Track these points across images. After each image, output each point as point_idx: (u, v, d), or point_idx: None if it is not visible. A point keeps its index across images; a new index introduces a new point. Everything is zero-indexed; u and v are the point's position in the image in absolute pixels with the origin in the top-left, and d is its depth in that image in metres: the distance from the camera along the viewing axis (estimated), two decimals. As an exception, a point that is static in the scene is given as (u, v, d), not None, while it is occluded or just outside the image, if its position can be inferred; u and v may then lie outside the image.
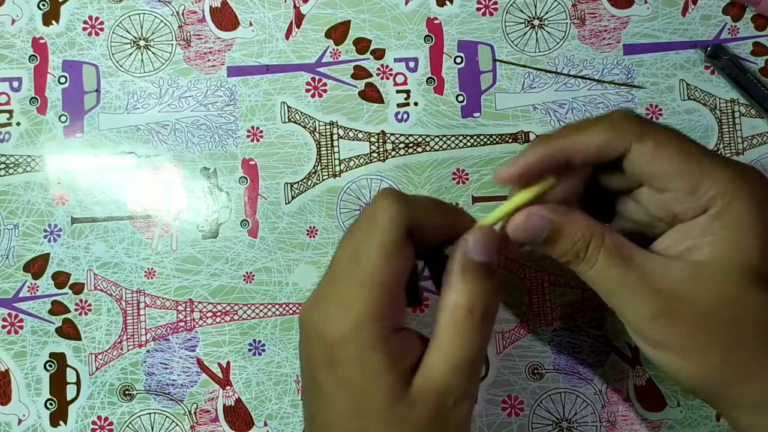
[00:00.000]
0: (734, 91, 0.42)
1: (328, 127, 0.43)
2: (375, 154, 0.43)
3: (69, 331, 0.42)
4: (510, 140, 0.43)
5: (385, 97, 0.43)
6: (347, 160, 0.43)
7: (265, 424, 0.42)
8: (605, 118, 0.30)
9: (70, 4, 0.44)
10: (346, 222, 0.43)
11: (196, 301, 0.42)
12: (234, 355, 0.42)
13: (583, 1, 0.43)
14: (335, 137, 0.43)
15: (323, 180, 0.43)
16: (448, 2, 0.43)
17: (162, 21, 0.44)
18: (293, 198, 0.43)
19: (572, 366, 0.42)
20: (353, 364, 0.28)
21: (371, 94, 0.43)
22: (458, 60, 0.43)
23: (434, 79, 0.43)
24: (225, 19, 0.44)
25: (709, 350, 0.29)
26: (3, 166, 0.43)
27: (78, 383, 0.42)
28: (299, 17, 0.43)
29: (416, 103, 0.43)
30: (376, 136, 0.43)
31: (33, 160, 0.43)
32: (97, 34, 0.44)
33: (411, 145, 0.43)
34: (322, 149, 0.43)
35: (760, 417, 0.29)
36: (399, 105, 0.43)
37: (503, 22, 0.43)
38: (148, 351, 0.42)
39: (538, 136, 0.32)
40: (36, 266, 0.43)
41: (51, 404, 0.42)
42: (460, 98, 0.43)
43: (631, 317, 0.30)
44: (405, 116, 0.43)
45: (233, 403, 0.42)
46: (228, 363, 0.42)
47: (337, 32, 0.43)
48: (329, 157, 0.43)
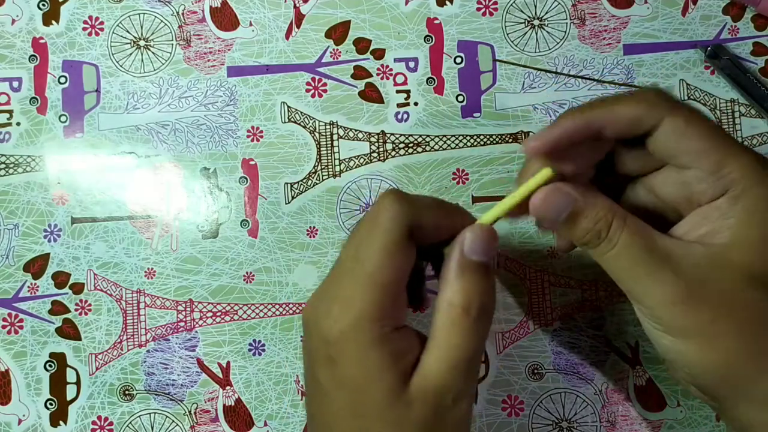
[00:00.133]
0: (734, 91, 0.42)
1: (328, 127, 0.43)
2: (375, 154, 0.43)
3: (69, 331, 0.42)
4: (510, 140, 0.43)
5: (385, 97, 0.43)
6: (347, 160, 0.43)
7: (265, 424, 0.42)
8: (637, 92, 0.30)
9: (70, 4, 0.44)
10: (346, 222, 0.43)
11: (196, 301, 0.42)
12: (234, 355, 0.42)
13: (583, 1, 0.43)
14: (335, 137, 0.43)
15: (323, 180, 0.43)
16: (448, 2, 0.43)
17: (162, 21, 0.44)
18: (293, 198, 0.43)
19: (572, 366, 0.42)
20: (352, 362, 0.28)
21: (371, 94, 0.43)
22: (458, 60, 0.43)
23: (434, 79, 0.43)
24: (225, 19, 0.44)
25: (732, 336, 0.28)
26: (3, 166, 0.43)
27: (78, 383, 0.42)
28: (299, 17, 0.43)
29: (416, 103, 0.43)
30: (376, 136, 0.43)
31: (33, 160, 0.43)
32: (97, 34, 0.44)
33: (411, 145, 0.43)
34: (322, 149, 0.43)
35: None
36: (399, 105, 0.43)
37: (503, 22, 0.43)
38: (148, 351, 0.42)
39: (567, 110, 0.31)
40: (36, 266, 0.43)
41: (51, 404, 0.42)
42: (460, 98, 0.43)
43: (651, 302, 0.29)
44: (405, 116, 0.43)
45: (233, 403, 0.42)
46: (228, 363, 0.42)
47: (337, 32, 0.43)
48: (329, 157, 0.43)
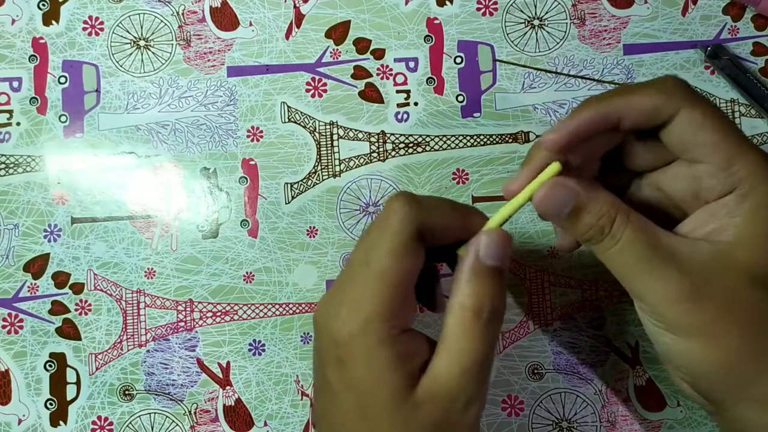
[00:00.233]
0: (734, 91, 0.42)
1: (328, 127, 0.43)
2: (375, 154, 0.43)
3: (69, 331, 0.42)
4: (510, 140, 0.43)
5: (385, 97, 0.43)
6: (347, 160, 0.43)
7: (265, 424, 0.42)
8: (656, 81, 0.30)
9: (70, 4, 0.44)
10: (346, 222, 0.43)
11: (196, 301, 0.42)
12: (234, 355, 0.42)
13: (583, 1, 0.43)
14: (335, 137, 0.43)
15: (323, 180, 0.43)
16: (448, 2, 0.43)
17: (162, 21, 0.44)
18: (293, 198, 0.43)
19: (572, 366, 0.42)
20: (360, 363, 0.28)
21: (371, 94, 0.43)
22: (458, 60, 0.43)
23: (434, 79, 0.43)
24: (225, 19, 0.44)
25: (735, 334, 0.28)
26: (3, 166, 0.43)
27: (78, 383, 0.42)
28: (299, 17, 0.43)
29: (416, 103, 0.43)
30: (376, 136, 0.43)
31: (33, 160, 0.43)
32: (97, 34, 0.44)
33: (411, 145, 0.43)
34: (322, 149, 0.43)
35: None
36: (399, 105, 0.43)
37: (503, 22, 0.43)
38: (148, 351, 0.42)
39: (584, 100, 0.31)
40: (36, 266, 0.43)
41: (51, 404, 0.42)
42: (460, 98, 0.43)
43: (654, 300, 0.28)
44: (405, 116, 0.43)
45: (233, 403, 0.42)
46: (228, 363, 0.42)
47: (337, 32, 0.43)
48: (329, 157, 0.43)
